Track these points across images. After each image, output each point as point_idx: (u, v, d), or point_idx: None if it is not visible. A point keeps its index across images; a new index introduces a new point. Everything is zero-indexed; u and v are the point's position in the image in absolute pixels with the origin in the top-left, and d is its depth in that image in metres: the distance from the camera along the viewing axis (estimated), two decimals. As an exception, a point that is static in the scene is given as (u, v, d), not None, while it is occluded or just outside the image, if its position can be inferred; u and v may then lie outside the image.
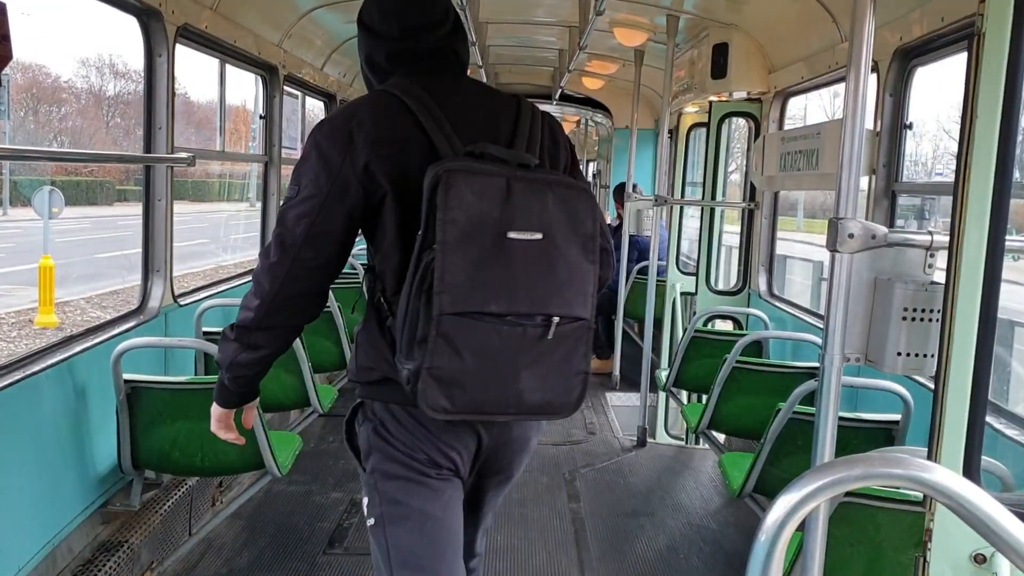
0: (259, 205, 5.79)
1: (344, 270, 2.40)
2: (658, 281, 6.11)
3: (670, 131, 7.39)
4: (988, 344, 1.64)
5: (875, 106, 3.80)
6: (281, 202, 2.11)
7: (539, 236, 1.87)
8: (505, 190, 1.86)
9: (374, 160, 1.97)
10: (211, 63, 4.92)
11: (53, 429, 3.09)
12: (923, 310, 1.86)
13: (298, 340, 4.13)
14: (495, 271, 1.85)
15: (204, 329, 4.15)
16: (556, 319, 1.88)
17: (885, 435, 3.23)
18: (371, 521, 2.10)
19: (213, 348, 3.26)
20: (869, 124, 3.80)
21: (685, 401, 5.54)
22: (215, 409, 2.22)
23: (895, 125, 3.80)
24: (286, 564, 3.77)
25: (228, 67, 5.15)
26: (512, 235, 1.85)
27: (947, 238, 1.71)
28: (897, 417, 3.21)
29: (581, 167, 2.35)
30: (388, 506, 2.05)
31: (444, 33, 2.16)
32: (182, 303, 4.17)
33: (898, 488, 1.92)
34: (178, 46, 3.95)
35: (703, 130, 6.58)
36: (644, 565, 3.98)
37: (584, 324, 1.94)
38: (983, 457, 1.71)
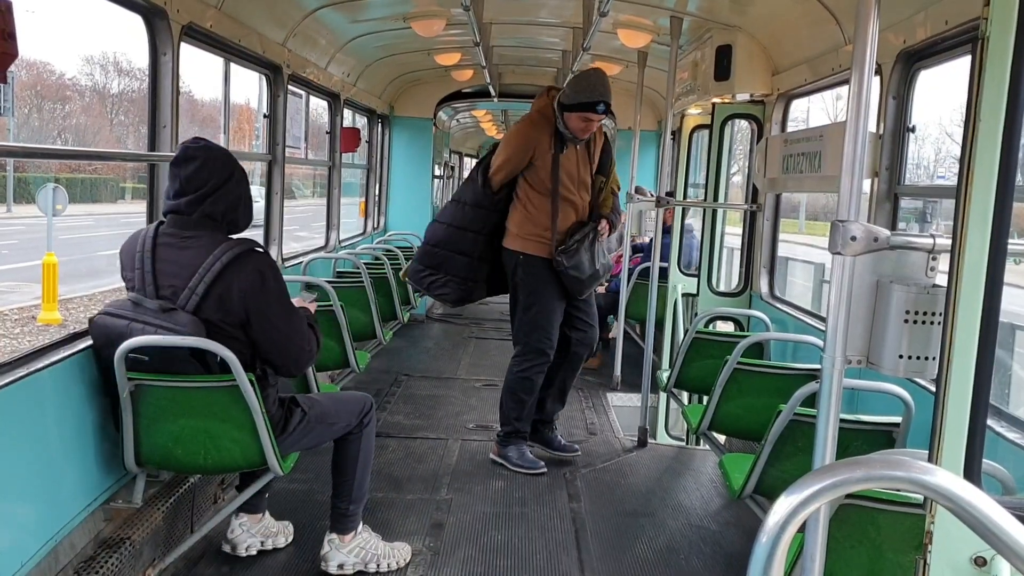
0: (262, 203, 5.80)
1: (349, 268, 2.66)
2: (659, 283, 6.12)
3: (673, 133, 7.40)
4: (990, 347, 1.65)
5: (878, 109, 3.81)
6: (282, 200, 2.74)
7: None
8: None
9: None
10: (216, 62, 4.93)
11: (56, 426, 3.10)
12: (924, 313, 1.86)
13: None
14: None
15: (207, 327, 4.14)
16: None
17: (886, 437, 3.24)
18: None
19: (216, 346, 3.27)
20: (872, 127, 3.82)
21: (686, 402, 5.54)
22: None
23: (898, 128, 3.81)
24: (287, 562, 3.78)
25: (232, 66, 5.15)
26: None
27: (949, 241, 1.72)
28: (898, 419, 3.21)
29: None
30: None
31: None
32: (185, 301, 4.17)
33: (898, 490, 1.93)
34: (183, 45, 3.97)
35: (706, 132, 6.58)
36: (644, 565, 3.99)
37: None
38: (984, 460, 1.71)
